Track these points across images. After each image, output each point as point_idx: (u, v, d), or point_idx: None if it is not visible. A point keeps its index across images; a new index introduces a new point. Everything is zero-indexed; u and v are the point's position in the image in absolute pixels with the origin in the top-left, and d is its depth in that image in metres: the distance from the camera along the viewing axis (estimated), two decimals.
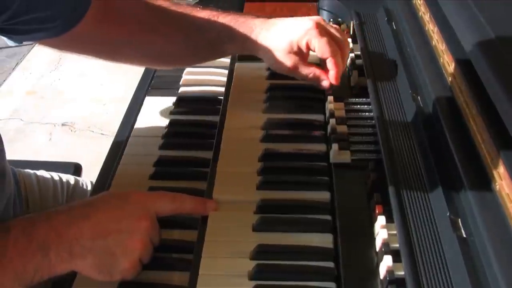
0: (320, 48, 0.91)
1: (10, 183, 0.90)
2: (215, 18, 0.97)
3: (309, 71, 0.95)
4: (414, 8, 1.12)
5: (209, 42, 0.98)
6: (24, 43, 0.90)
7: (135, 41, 0.96)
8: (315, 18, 0.95)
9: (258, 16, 0.98)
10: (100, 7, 0.89)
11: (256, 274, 0.71)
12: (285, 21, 0.96)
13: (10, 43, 0.84)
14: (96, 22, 0.89)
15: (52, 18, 0.80)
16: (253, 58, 1.01)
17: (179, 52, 1.01)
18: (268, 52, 0.96)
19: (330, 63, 0.92)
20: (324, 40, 0.91)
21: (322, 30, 0.93)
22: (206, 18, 0.97)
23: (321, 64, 0.96)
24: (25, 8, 0.73)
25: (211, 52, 1.03)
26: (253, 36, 0.96)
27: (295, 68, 0.95)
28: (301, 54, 0.94)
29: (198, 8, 0.98)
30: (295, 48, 0.93)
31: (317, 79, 0.95)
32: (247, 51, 0.99)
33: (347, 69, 1.09)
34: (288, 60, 0.95)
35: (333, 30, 0.95)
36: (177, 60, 1.06)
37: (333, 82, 0.93)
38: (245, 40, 0.96)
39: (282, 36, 0.94)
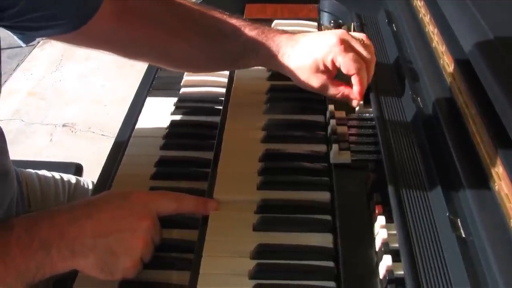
0: (345, 65, 0.90)
1: (13, 182, 0.90)
2: (242, 29, 0.95)
3: (337, 91, 0.94)
4: (414, 10, 1.12)
5: (233, 54, 0.97)
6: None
7: (155, 43, 0.95)
8: (339, 32, 0.93)
9: (284, 32, 0.96)
10: (119, 5, 0.88)
11: (256, 274, 0.71)
12: (309, 38, 0.94)
13: (21, 42, 0.84)
14: (114, 20, 0.89)
15: (60, 16, 0.80)
16: None
17: (201, 59, 1.00)
18: (294, 71, 0.94)
19: (355, 80, 0.91)
20: (349, 56, 0.90)
21: (347, 45, 0.91)
22: (233, 27, 0.95)
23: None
24: (32, 6, 0.73)
25: (233, 64, 1.03)
26: (279, 54, 0.94)
27: (322, 87, 0.95)
28: (328, 72, 0.93)
29: (226, 15, 0.97)
30: (321, 67, 0.92)
31: (346, 98, 0.95)
32: (272, 67, 0.99)
33: None
34: (315, 80, 0.94)
35: (358, 45, 0.93)
36: (197, 66, 1.05)
37: (358, 98, 0.93)
38: (271, 57, 0.95)
39: (307, 55, 0.92)
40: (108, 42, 0.93)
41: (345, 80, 0.94)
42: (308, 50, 0.93)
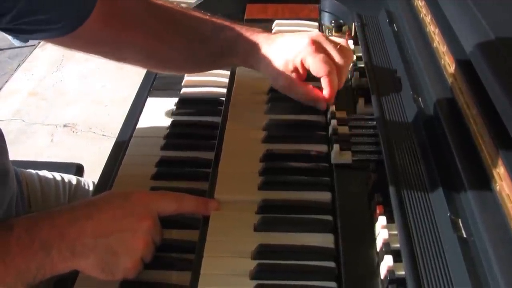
0: (313, 66, 0.90)
1: (13, 182, 0.90)
2: (221, 30, 0.96)
3: (303, 92, 0.94)
4: (415, 10, 1.12)
5: (211, 55, 0.98)
6: (27, 44, 0.91)
7: (138, 46, 0.96)
8: (314, 34, 0.93)
9: (263, 31, 0.97)
10: (105, 10, 0.89)
11: (257, 274, 0.71)
12: (285, 38, 0.95)
13: (16, 42, 0.84)
14: (101, 24, 0.89)
15: (56, 20, 0.80)
16: None
17: (181, 60, 1.01)
18: (267, 69, 0.95)
19: (323, 82, 0.91)
20: (318, 57, 0.90)
21: (318, 47, 0.91)
22: (211, 29, 0.96)
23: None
24: (28, 10, 0.74)
25: (213, 64, 1.04)
26: (255, 52, 0.95)
27: (289, 88, 0.95)
28: (297, 73, 0.93)
29: (206, 16, 0.98)
30: (291, 67, 0.93)
31: (312, 101, 0.95)
32: (249, 66, 0.99)
33: (348, 75, 1.05)
34: (282, 79, 0.94)
35: (331, 47, 0.92)
36: (178, 68, 1.06)
37: (324, 101, 0.93)
38: (247, 56, 0.96)
39: (280, 54, 0.93)
40: (97, 45, 0.94)
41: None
42: (280, 49, 0.93)
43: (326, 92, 0.92)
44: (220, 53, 0.98)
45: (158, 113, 1.08)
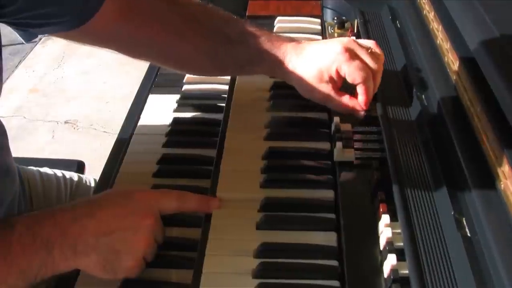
0: (350, 74, 0.87)
1: (14, 179, 0.90)
2: (248, 35, 0.92)
3: (341, 103, 0.91)
4: (418, 7, 1.12)
5: (238, 60, 0.95)
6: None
7: (158, 43, 0.93)
8: (345, 40, 0.90)
9: (291, 40, 0.94)
10: (123, 4, 0.87)
11: (259, 272, 0.71)
12: (314, 47, 0.91)
13: (24, 39, 0.84)
14: (117, 18, 0.87)
15: (60, 14, 0.79)
16: None
17: (205, 62, 0.97)
18: (298, 81, 0.92)
19: (360, 89, 0.88)
20: (354, 65, 0.87)
21: (352, 54, 0.87)
22: (239, 33, 0.93)
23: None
24: (30, 4, 0.73)
25: (238, 70, 1.01)
26: (284, 63, 0.91)
27: (326, 98, 0.91)
28: (333, 82, 0.90)
29: (232, 18, 0.95)
30: (326, 77, 0.89)
31: (350, 110, 0.91)
32: (277, 76, 0.96)
33: None
34: (318, 90, 0.90)
35: (364, 53, 0.89)
36: (200, 70, 1.03)
37: (363, 109, 0.90)
38: (276, 66, 0.92)
39: (311, 64, 0.89)
40: (111, 41, 0.92)
41: (351, 91, 0.91)
42: (312, 59, 0.90)
43: (362, 99, 0.89)
44: (248, 60, 0.94)
45: (159, 110, 1.08)
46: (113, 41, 0.92)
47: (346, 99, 0.91)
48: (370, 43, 0.93)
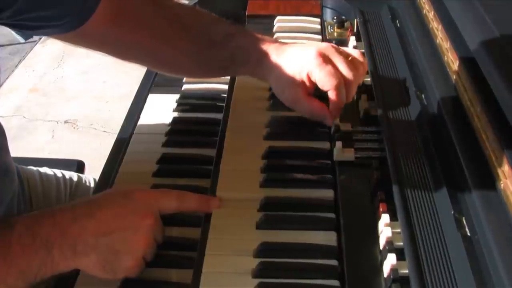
0: (319, 79, 0.86)
1: (14, 180, 0.90)
2: (232, 37, 0.92)
3: (308, 107, 0.90)
4: (418, 6, 1.12)
5: (222, 62, 0.95)
6: (28, 40, 0.90)
7: (145, 47, 0.94)
8: (323, 45, 0.89)
9: (274, 41, 0.93)
10: (113, 8, 0.88)
11: (259, 272, 0.71)
12: (293, 49, 0.90)
13: (20, 38, 0.84)
14: (108, 23, 0.88)
15: (59, 16, 0.80)
16: None
17: (190, 65, 0.98)
18: (273, 81, 0.92)
19: (330, 96, 0.86)
20: (325, 70, 0.85)
21: (325, 59, 0.86)
22: (224, 34, 0.93)
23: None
24: (29, 6, 0.73)
25: (222, 71, 1.01)
26: (264, 63, 0.91)
27: (294, 102, 0.91)
28: (305, 86, 0.89)
29: (217, 21, 0.95)
30: (297, 80, 0.88)
31: (318, 116, 0.90)
32: (258, 76, 0.95)
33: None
34: (289, 92, 0.90)
35: (340, 60, 0.87)
36: (187, 72, 1.04)
37: (330, 116, 0.89)
38: (257, 67, 0.92)
39: (287, 66, 0.89)
40: (101, 44, 0.93)
41: (325, 99, 0.89)
42: (288, 61, 0.89)
43: (331, 106, 0.87)
44: (231, 61, 0.94)
45: (159, 109, 1.08)
46: (103, 44, 0.93)
47: (314, 105, 0.89)
48: (354, 52, 0.92)
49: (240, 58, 0.93)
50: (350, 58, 0.89)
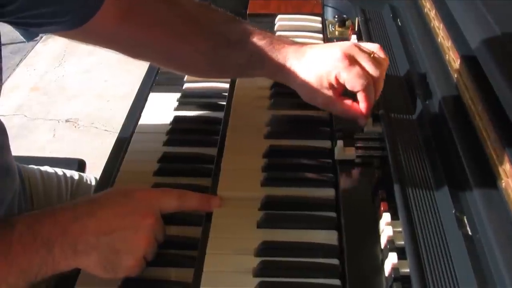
0: (349, 81, 0.85)
1: (15, 178, 0.90)
2: (249, 38, 0.91)
3: (342, 109, 0.89)
4: (419, 5, 1.12)
5: (238, 63, 0.93)
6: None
7: (158, 45, 0.93)
8: (346, 45, 0.88)
9: (293, 43, 0.92)
10: (122, 5, 0.87)
11: (260, 271, 0.71)
12: (315, 52, 0.89)
13: (25, 38, 0.83)
14: (118, 19, 0.87)
15: (61, 13, 0.79)
16: None
17: (204, 64, 0.96)
18: (299, 86, 0.90)
19: (360, 97, 0.86)
20: (353, 72, 0.84)
21: (352, 60, 0.85)
22: (240, 35, 0.91)
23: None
24: (31, 3, 0.73)
25: (238, 73, 1.00)
26: (286, 67, 0.89)
27: (327, 104, 0.90)
28: (333, 88, 0.88)
29: (233, 21, 0.94)
30: (326, 83, 0.87)
31: (352, 117, 0.90)
32: (277, 80, 0.94)
33: None
34: (319, 96, 0.89)
35: (365, 59, 0.86)
36: (199, 72, 1.02)
37: (363, 116, 0.88)
38: (277, 70, 0.91)
39: (311, 70, 0.88)
40: (111, 41, 0.92)
41: (354, 96, 0.89)
42: (312, 65, 0.88)
43: (363, 106, 0.87)
44: (247, 63, 0.93)
45: (160, 108, 1.08)
46: (113, 42, 0.92)
47: (347, 105, 0.89)
48: (373, 46, 0.91)
49: (257, 61, 0.91)
50: (372, 55, 0.88)
